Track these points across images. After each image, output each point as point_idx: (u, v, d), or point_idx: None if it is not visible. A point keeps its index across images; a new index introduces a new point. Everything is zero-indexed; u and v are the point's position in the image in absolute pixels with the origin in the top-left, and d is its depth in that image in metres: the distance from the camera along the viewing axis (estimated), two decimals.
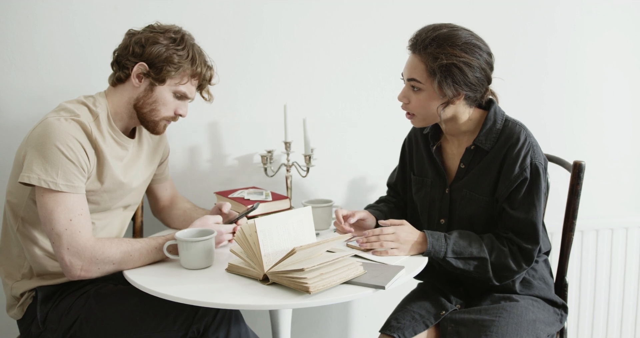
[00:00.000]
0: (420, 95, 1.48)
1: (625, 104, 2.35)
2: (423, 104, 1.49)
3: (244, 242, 1.34)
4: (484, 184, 1.53)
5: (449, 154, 1.63)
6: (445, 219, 1.60)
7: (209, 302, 1.23)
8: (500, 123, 1.53)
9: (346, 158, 2.17)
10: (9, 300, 1.54)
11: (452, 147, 1.62)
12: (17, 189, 1.46)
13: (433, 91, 1.46)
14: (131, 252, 1.42)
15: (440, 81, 1.43)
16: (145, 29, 1.52)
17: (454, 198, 1.58)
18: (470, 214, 1.55)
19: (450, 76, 1.43)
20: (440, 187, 1.62)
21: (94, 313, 1.44)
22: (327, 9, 2.06)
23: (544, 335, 1.47)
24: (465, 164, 1.57)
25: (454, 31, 1.45)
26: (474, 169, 1.55)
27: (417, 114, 1.53)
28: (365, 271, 1.33)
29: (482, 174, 1.53)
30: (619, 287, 2.33)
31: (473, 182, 1.54)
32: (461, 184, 1.57)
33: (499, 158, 1.50)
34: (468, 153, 1.56)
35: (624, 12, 2.28)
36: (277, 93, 2.05)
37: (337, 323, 2.30)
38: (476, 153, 1.55)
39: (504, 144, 1.50)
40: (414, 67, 1.47)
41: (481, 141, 1.53)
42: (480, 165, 1.53)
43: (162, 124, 1.56)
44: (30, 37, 1.80)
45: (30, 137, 1.41)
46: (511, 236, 1.49)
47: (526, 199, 1.48)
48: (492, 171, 1.51)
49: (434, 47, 1.43)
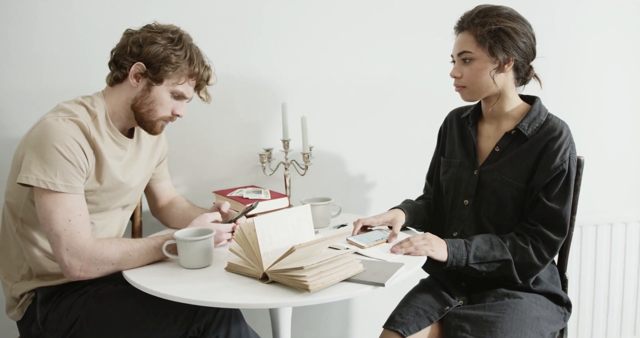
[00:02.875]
0: (472, 65, 1.54)
1: (625, 101, 2.35)
2: (475, 73, 1.54)
3: (243, 241, 1.34)
4: (518, 170, 1.55)
5: (484, 136, 1.66)
6: (469, 200, 1.62)
7: (209, 301, 1.23)
8: (544, 116, 1.57)
9: (345, 156, 2.17)
10: (8, 301, 1.54)
11: (490, 129, 1.65)
12: (16, 190, 1.46)
13: (485, 58, 1.52)
14: (130, 252, 1.42)
15: (492, 45, 1.50)
16: (143, 29, 1.52)
17: (483, 179, 1.60)
18: (499, 197, 1.57)
19: (500, 40, 1.50)
20: (468, 168, 1.64)
21: (94, 314, 1.44)
22: (327, 8, 2.05)
23: (548, 332, 1.48)
24: (501, 148, 1.59)
25: (497, 5, 1.55)
26: (509, 154, 1.57)
27: (468, 85, 1.57)
28: (364, 268, 1.33)
29: (518, 159, 1.55)
30: (618, 282, 2.33)
31: (507, 166, 1.57)
32: (493, 167, 1.59)
33: (538, 146, 1.53)
34: (506, 137, 1.59)
35: (623, 11, 2.28)
36: (275, 92, 2.05)
37: (337, 321, 2.30)
38: (515, 138, 1.57)
39: (546, 135, 1.53)
40: (463, 41, 1.54)
41: (524, 127, 1.56)
42: (518, 151, 1.56)
43: (159, 125, 1.56)
44: (29, 37, 1.80)
45: (29, 137, 1.41)
46: (539, 228, 1.51)
47: (563, 192, 1.51)
48: (529, 159, 1.54)
49: (480, 17, 1.52)
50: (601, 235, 2.29)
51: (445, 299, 1.57)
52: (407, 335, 1.46)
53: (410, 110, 2.16)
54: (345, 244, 1.54)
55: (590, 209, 2.26)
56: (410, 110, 2.16)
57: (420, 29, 2.12)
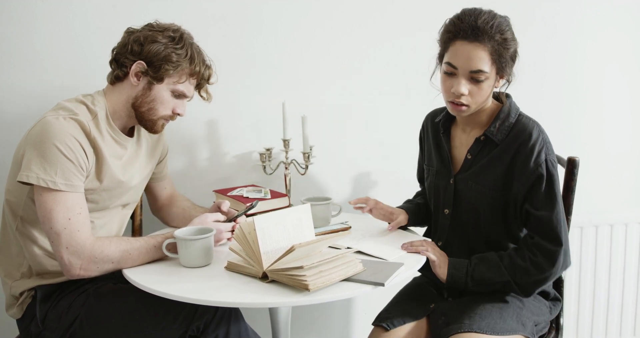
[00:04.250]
0: (484, 84, 1.44)
1: (625, 101, 2.35)
2: (485, 93, 1.45)
3: (243, 240, 1.34)
4: (490, 178, 1.49)
5: (456, 143, 1.59)
6: (449, 209, 1.58)
7: (209, 300, 1.23)
8: (513, 117, 1.49)
9: (345, 156, 2.16)
10: (8, 299, 1.54)
11: (462, 136, 1.58)
12: (16, 188, 1.46)
13: (493, 76, 1.44)
14: (130, 251, 1.42)
15: (504, 66, 1.43)
16: (144, 28, 1.52)
17: (458, 189, 1.55)
18: (476, 207, 1.52)
19: (513, 59, 1.46)
20: (444, 177, 1.59)
21: (94, 312, 1.44)
22: (328, 8, 2.05)
23: (530, 322, 1.47)
24: (472, 155, 1.53)
25: (500, 15, 1.45)
26: (481, 161, 1.51)
27: (473, 104, 1.46)
28: (364, 268, 1.33)
29: (490, 167, 1.49)
30: (618, 283, 2.33)
31: (480, 175, 1.51)
32: (467, 176, 1.54)
33: (509, 152, 1.46)
34: (477, 144, 1.52)
35: (623, 11, 2.27)
36: (276, 90, 2.05)
37: (336, 321, 2.30)
38: (485, 145, 1.51)
39: (515, 139, 1.46)
40: (479, 58, 1.41)
41: (492, 132, 1.49)
42: (489, 158, 1.50)
43: (160, 123, 1.56)
44: (29, 36, 1.80)
45: (29, 136, 1.41)
46: (536, 241, 1.44)
47: (547, 197, 1.43)
48: (501, 165, 1.47)
49: (498, 32, 1.41)
50: (601, 236, 2.28)
51: (433, 297, 1.57)
52: (391, 328, 1.46)
53: (411, 109, 2.16)
54: (343, 245, 1.54)
55: (590, 210, 2.26)
56: (411, 109, 2.16)
57: (420, 28, 2.11)
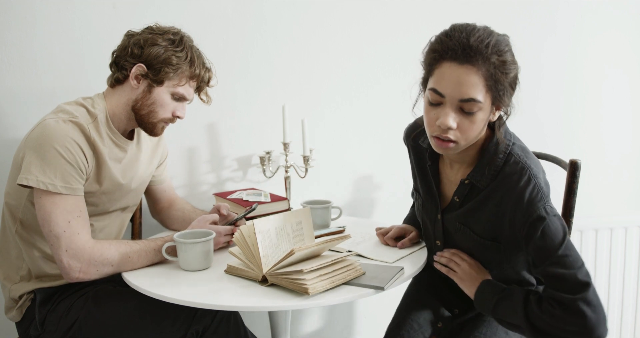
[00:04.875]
0: (476, 117, 1.19)
1: (625, 103, 2.35)
2: (477, 127, 1.20)
3: (243, 243, 1.34)
4: (480, 225, 1.32)
5: (444, 179, 1.41)
6: (440, 241, 1.45)
7: (208, 303, 1.23)
8: (502, 157, 1.25)
9: (345, 159, 2.16)
10: (7, 302, 1.54)
11: (450, 173, 1.39)
12: (16, 191, 1.46)
13: (488, 107, 1.19)
14: (130, 254, 1.42)
15: (507, 93, 1.19)
16: (144, 30, 1.52)
17: (447, 227, 1.41)
18: (467, 249, 1.39)
19: (513, 87, 1.21)
20: (432, 211, 1.44)
21: (93, 315, 1.44)
22: (328, 11, 2.05)
23: None
24: (460, 198, 1.34)
25: (497, 33, 1.20)
26: (468, 205, 1.33)
27: (462, 141, 1.21)
28: (364, 272, 1.33)
29: (477, 213, 1.31)
30: (618, 286, 2.33)
31: (468, 219, 1.34)
32: (455, 217, 1.37)
33: (493, 199, 1.26)
34: (463, 187, 1.33)
35: (623, 11, 2.28)
36: (275, 94, 2.05)
37: (336, 324, 2.30)
38: (473, 187, 1.32)
39: (501, 184, 1.25)
40: (471, 84, 1.15)
41: (476, 178, 1.29)
42: (475, 203, 1.31)
43: (160, 126, 1.56)
44: (29, 38, 1.80)
45: (29, 139, 1.41)
46: (550, 293, 1.18)
47: (547, 251, 1.18)
48: (486, 213, 1.29)
49: (496, 55, 1.16)
50: (601, 240, 2.28)
51: (440, 313, 1.49)
52: None
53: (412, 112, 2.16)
54: (343, 249, 1.54)
55: (590, 214, 2.26)
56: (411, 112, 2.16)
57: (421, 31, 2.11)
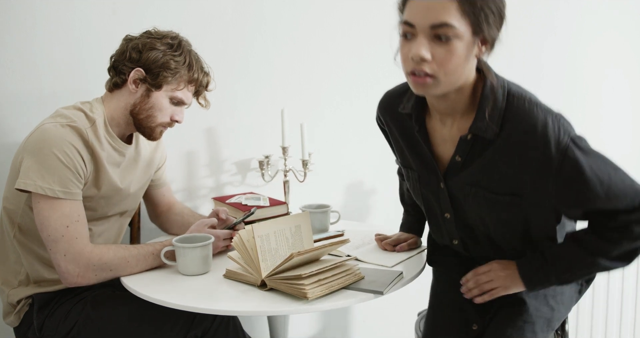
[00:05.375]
0: (454, 46, 1.07)
1: (625, 104, 2.35)
2: (458, 60, 1.08)
3: (242, 248, 1.34)
4: (494, 181, 1.17)
5: (437, 139, 1.25)
6: (450, 214, 1.29)
7: (207, 308, 1.23)
8: (501, 100, 1.14)
9: (344, 163, 2.16)
10: (5, 307, 1.53)
11: (443, 130, 1.23)
12: (14, 195, 1.45)
13: (468, 36, 1.07)
14: (128, 258, 1.41)
15: (489, 19, 1.07)
16: (143, 35, 1.52)
17: (454, 194, 1.24)
18: (483, 214, 1.23)
19: (499, 14, 1.09)
20: (431, 182, 1.28)
21: (91, 320, 1.44)
22: (327, 14, 2.06)
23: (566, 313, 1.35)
24: (462, 157, 1.20)
25: None
26: (475, 162, 1.19)
27: (441, 75, 1.09)
28: (363, 276, 1.33)
29: (490, 169, 1.17)
30: (617, 289, 2.33)
31: (479, 178, 1.19)
32: (461, 181, 1.22)
33: (506, 147, 1.14)
34: (464, 144, 1.19)
35: (623, 12, 2.28)
36: (275, 97, 2.05)
37: (335, 329, 2.29)
38: (476, 142, 1.18)
39: (515, 130, 1.13)
40: (442, 7, 1.05)
41: (480, 128, 1.15)
42: (486, 159, 1.17)
43: (158, 130, 1.56)
44: (28, 43, 1.80)
45: (27, 143, 1.41)
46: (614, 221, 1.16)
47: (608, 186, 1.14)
48: (501, 166, 1.16)
49: None
50: None
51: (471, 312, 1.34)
52: None
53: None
54: (344, 251, 1.53)
55: None
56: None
57: None
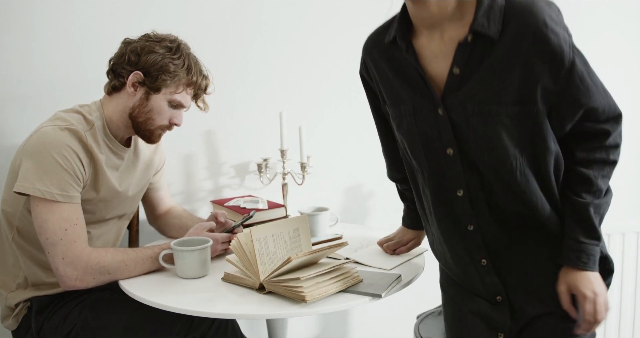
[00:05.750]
0: None
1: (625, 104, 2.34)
2: None
3: (240, 251, 1.34)
4: (501, 90, 1.08)
5: (428, 57, 1.15)
6: (452, 148, 1.15)
7: (205, 311, 1.23)
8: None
9: (342, 166, 2.16)
10: (3, 310, 1.53)
11: (433, 45, 1.14)
12: (12, 198, 1.45)
13: None
14: (126, 261, 1.41)
15: None
16: (141, 38, 1.52)
17: (455, 119, 1.13)
18: (487, 136, 1.10)
19: None
20: (427, 110, 1.15)
21: (90, 323, 1.44)
22: (326, 17, 2.06)
23: None
24: (461, 68, 1.10)
25: None
26: (477, 72, 1.09)
27: None
28: (361, 279, 1.33)
29: (494, 76, 1.08)
30: (616, 292, 2.33)
31: (481, 90, 1.09)
32: (461, 98, 1.11)
33: (521, 47, 1.05)
34: (463, 50, 1.09)
35: (623, 12, 2.28)
36: (273, 101, 2.05)
37: (333, 332, 2.29)
38: (476, 48, 1.08)
39: (519, 24, 1.05)
40: None
41: (483, 24, 1.05)
42: (490, 63, 1.08)
43: (157, 133, 1.56)
44: (27, 45, 1.80)
45: (26, 146, 1.41)
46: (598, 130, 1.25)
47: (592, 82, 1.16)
48: (514, 70, 1.06)
49: None
50: None
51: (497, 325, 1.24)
52: None
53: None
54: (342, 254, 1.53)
55: None
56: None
57: None
